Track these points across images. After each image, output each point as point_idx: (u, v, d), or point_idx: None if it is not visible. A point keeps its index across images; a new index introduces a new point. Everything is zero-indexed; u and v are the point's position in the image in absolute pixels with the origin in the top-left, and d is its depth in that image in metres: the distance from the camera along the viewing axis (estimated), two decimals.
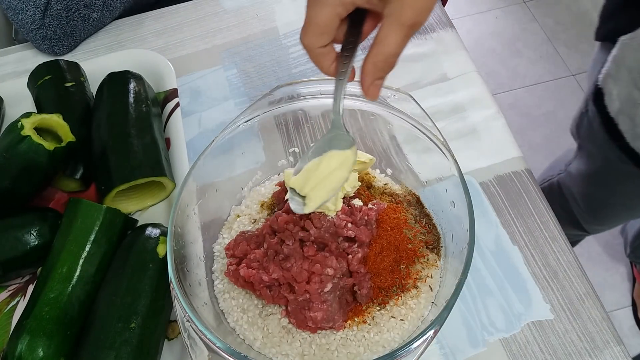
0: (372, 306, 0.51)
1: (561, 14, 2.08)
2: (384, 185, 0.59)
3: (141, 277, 0.52)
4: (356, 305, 0.51)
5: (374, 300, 0.51)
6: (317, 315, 0.47)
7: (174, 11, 0.84)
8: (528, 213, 0.62)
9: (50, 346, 0.49)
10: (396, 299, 0.51)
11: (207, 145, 0.54)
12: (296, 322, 0.49)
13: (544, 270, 0.58)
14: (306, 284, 0.47)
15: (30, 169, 0.57)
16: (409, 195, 0.59)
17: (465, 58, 0.75)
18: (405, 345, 0.41)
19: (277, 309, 0.51)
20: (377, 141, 0.61)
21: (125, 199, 0.63)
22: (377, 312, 0.50)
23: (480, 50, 1.99)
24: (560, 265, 0.58)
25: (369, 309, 0.50)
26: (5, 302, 0.58)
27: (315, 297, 0.47)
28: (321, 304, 0.47)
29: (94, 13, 0.78)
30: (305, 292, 0.47)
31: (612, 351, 0.53)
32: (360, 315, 0.50)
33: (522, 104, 1.87)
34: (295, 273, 0.48)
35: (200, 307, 0.48)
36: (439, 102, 0.71)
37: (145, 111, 0.65)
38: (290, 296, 0.48)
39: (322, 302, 0.47)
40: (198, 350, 0.44)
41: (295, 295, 0.48)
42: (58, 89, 0.67)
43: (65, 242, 0.54)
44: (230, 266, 0.51)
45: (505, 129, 0.69)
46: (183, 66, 0.77)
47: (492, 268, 0.58)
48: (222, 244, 0.56)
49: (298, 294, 0.48)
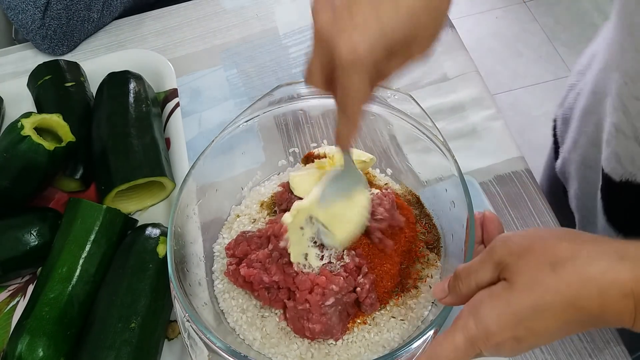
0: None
1: (561, 14, 2.08)
2: (384, 185, 0.59)
3: (141, 277, 0.52)
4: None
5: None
6: (315, 327, 0.46)
7: (174, 11, 0.84)
8: (528, 213, 0.62)
9: (50, 346, 0.49)
10: (396, 299, 0.51)
11: (207, 145, 0.54)
12: (294, 328, 0.49)
13: None
14: (308, 293, 0.47)
15: (30, 169, 0.57)
16: (409, 195, 0.59)
17: (465, 58, 0.75)
18: (405, 345, 0.41)
19: (276, 311, 0.51)
20: (377, 141, 0.61)
21: (125, 199, 0.63)
22: (377, 312, 0.50)
23: (480, 50, 1.99)
24: None
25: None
26: (5, 302, 0.58)
27: (315, 309, 0.46)
28: (320, 317, 0.46)
29: (94, 13, 0.78)
30: (306, 301, 0.47)
31: (612, 351, 0.53)
32: (361, 316, 0.50)
33: (522, 104, 1.87)
34: (299, 281, 0.47)
35: (200, 307, 0.48)
36: (439, 102, 0.71)
37: (145, 111, 0.65)
38: (290, 303, 0.48)
39: (322, 314, 0.46)
40: (198, 350, 0.44)
41: (294, 303, 0.47)
42: (58, 89, 0.67)
43: (65, 242, 0.54)
44: (230, 266, 0.51)
45: (505, 129, 0.69)
46: (183, 66, 0.77)
47: None
48: (222, 244, 0.56)
49: (298, 302, 0.47)
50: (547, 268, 0.34)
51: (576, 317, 0.34)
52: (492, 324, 0.35)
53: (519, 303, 0.34)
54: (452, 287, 0.40)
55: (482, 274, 0.37)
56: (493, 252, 0.37)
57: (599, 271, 0.32)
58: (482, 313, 0.35)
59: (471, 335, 0.35)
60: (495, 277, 0.37)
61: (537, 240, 0.36)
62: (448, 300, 0.40)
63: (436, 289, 0.41)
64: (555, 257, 0.34)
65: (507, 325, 0.34)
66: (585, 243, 0.34)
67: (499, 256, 0.36)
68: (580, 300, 0.33)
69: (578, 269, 0.33)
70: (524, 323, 0.34)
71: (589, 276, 0.33)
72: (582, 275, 0.33)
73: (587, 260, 0.33)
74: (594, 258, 0.33)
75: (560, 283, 0.33)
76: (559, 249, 0.34)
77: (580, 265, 0.33)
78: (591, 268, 0.33)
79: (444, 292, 0.40)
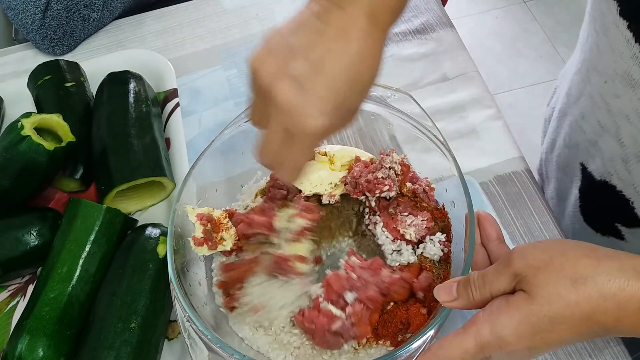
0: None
1: (561, 14, 2.08)
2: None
3: (141, 277, 0.52)
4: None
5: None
6: (320, 343, 0.47)
7: (174, 11, 0.84)
8: (528, 213, 0.62)
9: (50, 346, 0.49)
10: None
11: (207, 145, 0.54)
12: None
13: None
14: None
15: (30, 169, 0.56)
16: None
17: (465, 58, 0.75)
18: (405, 345, 0.41)
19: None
20: (377, 141, 0.61)
21: (125, 199, 0.63)
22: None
23: (480, 50, 1.99)
24: None
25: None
26: (5, 302, 0.58)
27: (320, 332, 0.46)
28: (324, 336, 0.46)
29: (94, 13, 0.78)
30: (312, 322, 0.46)
31: (612, 351, 0.53)
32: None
33: (522, 104, 1.87)
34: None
35: (200, 307, 0.48)
36: (439, 102, 0.71)
37: (145, 111, 0.65)
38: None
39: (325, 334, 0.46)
40: (198, 350, 0.44)
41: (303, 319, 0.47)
42: (58, 89, 0.67)
43: (65, 242, 0.54)
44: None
45: (505, 129, 0.69)
46: (183, 66, 0.77)
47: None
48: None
49: (306, 319, 0.47)
50: (567, 283, 0.35)
51: (591, 330, 0.35)
52: (508, 334, 0.36)
53: (538, 315, 0.35)
54: (462, 292, 0.40)
55: (497, 284, 0.38)
56: (511, 263, 0.38)
57: (617, 287, 0.34)
58: (500, 322, 0.36)
59: (483, 342, 0.36)
60: (510, 288, 0.38)
61: (556, 255, 0.37)
62: (455, 304, 0.41)
63: (441, 292, 0.41)
64: (576, 273, 0.35)
65: (523, 336, 0.36)
66: (604, 258, 0.36)
67: (516, 267, 0.37)
68: (598, 314, 0.34)
69: (598, 285, 0.34)
70: (540, 334, 0.35)
71: (608, 292, 0.34)
72: (602, 292, 0.34)
73: (607, 276, 0.34)
74: (613, 274, 0.34)
75: (580, 297, 0.35)
76: (579, 265, 0.36)
77: (600, 282, 0.34)
78: (610, 284, 0.34)
79: (451, 295, 0.41)
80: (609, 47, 0.50)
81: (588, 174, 0.60)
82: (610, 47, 0.50)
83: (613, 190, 0.57)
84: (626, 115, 0.51)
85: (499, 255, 0.45)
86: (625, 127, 0.52)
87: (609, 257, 0.36)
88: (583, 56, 0.58)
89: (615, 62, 0.50)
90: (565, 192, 0.66)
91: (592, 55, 0.55)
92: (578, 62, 0.59)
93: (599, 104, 0.55)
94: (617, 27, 0.48)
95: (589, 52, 0.56)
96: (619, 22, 0.47)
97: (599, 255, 0.36)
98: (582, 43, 0.58)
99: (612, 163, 0.56)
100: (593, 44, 0.54)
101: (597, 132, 0.57)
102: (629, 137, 0.52)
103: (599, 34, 0.52)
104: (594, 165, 0.59)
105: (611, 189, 0.57)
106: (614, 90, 0.52)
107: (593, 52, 0.54)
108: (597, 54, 0.53)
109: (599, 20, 0.51)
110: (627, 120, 0.51)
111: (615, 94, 0.52)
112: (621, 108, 0.52)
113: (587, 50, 0.56)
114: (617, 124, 0.53)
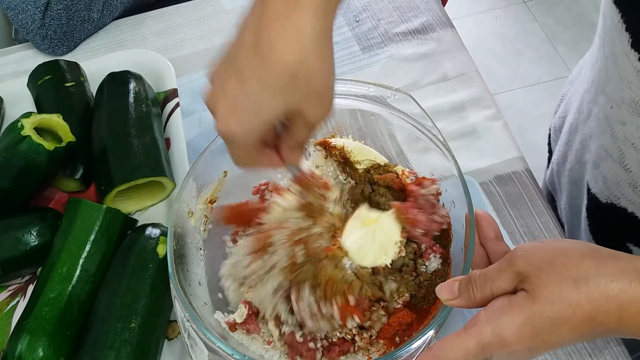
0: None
1: (561, 14, 2.08)
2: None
3: (141, 277, 0.52)
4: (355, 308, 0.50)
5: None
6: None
7: (174, 11, 0.84)
8: (528, 213, 0.62)
9: (50, 346, 0.49)
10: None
11: (207, 145, 0.54)
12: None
13: None
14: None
15: (30, 169, 0.56)
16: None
17: (465, 58, 0.75)
18: (405, 345, 0.41)
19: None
20: (377, 141, 0.61)
21: (125, 199, 0.63)
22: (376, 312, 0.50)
23: (480, 50, 1.99)
24: None
25: (368, 310, 0.50)
26: (5, 302, 0.58)
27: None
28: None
29: (94, 13, 0.78)
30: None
31: (612, 351, 0.53)
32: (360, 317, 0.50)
33: (522, 104, 1.87)
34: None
35: (200, 307, 0.48)
36: (439, 102, 0.71)
37: (145, 111, 0.65)
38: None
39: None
40: (198, 350, 0.44)
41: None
42: (58, 89, 0.67)
43: (65, 242, 0.54)
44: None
45: (505, 129, 0.69)
46: (183, 66, 0.77)
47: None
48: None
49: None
50: (570, 283, 0.35)
51: (592, 330, 0.35)
52: (510, 335, 0.36)
53: (540, 316, 0.35)
54: (463, 290, 0.40)
55: (499, 283, 0.38)
56: (513, 263, 0.38)
57: (620, 289, 0.34)
58: (502, 323, 0.36)
59: (485, 343, 0.36)
60: (512, 287, 0.38)
61: (559, 255, 0.37)
62: (457, 302, 0.40)
63: (442, 290, 0.41)
64: (578, 274, 0.35)
65: (525, 337, 0.36)
66: (606, 259, 0.36)
67: (519, 267, 0.37)
68: (600, 315, 0.34)
69: (600, 286, 0.34)
70: (542, 335, 0.35)
71: (610, 293, 0.34)
72: (604, 293, 0.34)
73: (609, 277, 0.34)
74: (616, 276, 0.34)
75: (582, 298, 0.35)
76: (582, 266, 0.36)
77: (603, 283, 0.34)
78: (613, 285, 0.34)
79: (453, 293, 0.41)
80: (617, 74, 0.50)
81: (592, 196, 0.60)
82: (619, 75, 0.49)
83: (624, 212, 0.57)
84: (632, 142, 0.51)
85: (498, 253, 0.45)
86: (631, 154, 0.52)
87: (611, 258, 0.36)
88: (592, 76, 0.57)
89: (622, 89, 0.50)
90: (578, 206, 0.66)
91: (601, 78, 0.54)
92: (588, 81, 0.59)
93: (604, 128, 0.55)
94: (628, 57, 0.47)
95: (597, 74, 0.55)
96: (629, 53, 0.47)
97: (602, 256, 0.36)
98: (592, 62, 0.57)
99: (618, 187, 0.56)
100: (602, 67, 0.53)
101: (601, 156, 0.56)
102: (635, 163, 0.52)
103: (608, 60, 0.51)
104: (597, 187, 0.59)
105: (621, 211, 0.57)
106: (620, 116, 0.51)
107: (602, 74, 0.54)
108: (606, 78, 0.53)
109: (608, 46, 0.51)
110: (632, 148, 0.51)
111: (621, 121, 0.51)
112: (627, 135, 0.51)
113: (597, 71, 0.55)
114: (622, 150, 0.53)
